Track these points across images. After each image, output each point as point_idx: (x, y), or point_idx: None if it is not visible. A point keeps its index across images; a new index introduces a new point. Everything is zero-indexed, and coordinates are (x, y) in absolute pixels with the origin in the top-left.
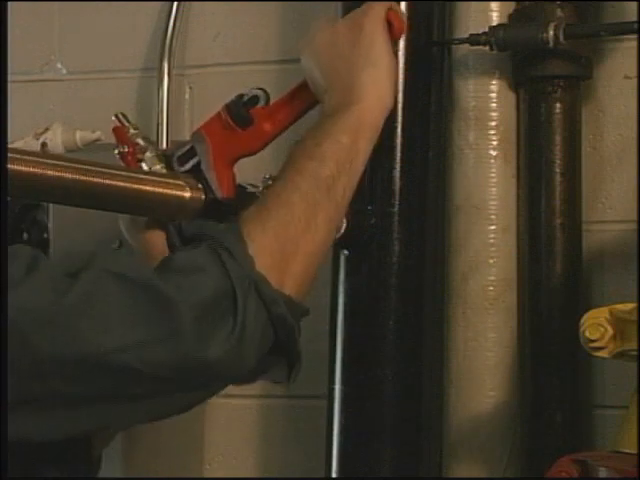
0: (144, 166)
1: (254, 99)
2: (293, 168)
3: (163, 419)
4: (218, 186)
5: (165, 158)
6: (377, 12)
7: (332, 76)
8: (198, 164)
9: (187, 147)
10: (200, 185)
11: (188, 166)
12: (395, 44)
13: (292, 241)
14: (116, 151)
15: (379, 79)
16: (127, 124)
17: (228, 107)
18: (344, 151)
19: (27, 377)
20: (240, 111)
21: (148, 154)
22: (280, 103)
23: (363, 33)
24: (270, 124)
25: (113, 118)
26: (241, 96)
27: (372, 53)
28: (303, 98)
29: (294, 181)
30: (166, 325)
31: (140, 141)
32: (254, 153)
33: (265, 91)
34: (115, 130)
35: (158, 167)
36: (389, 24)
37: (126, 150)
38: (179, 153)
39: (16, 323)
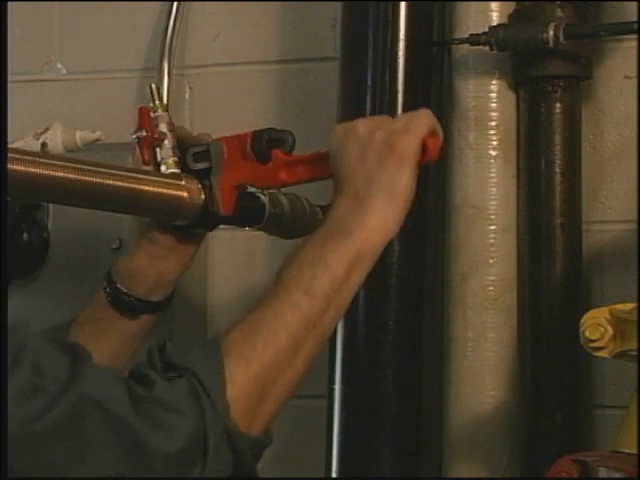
0: (158, 154)
1: (280, 141)
2: (285, 299)
3: None
4: (219, 203)
5: (180, 150)
6: (416, 134)
7: (349, 179)
8: (208, 169)
9: (204, 148)
10: (200, 186)
11: (200, 166)
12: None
13: (271, 382)
14: (134, 135)
15: (391, 209)
16: (157, 102)
17: (253, 136)
18: (337, 284)
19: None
20: (262, 146)
21: (166, 143)
22: (302, 159)
23: (395, 154)
24: (285, 174)
25: (147, 89)
26: (269, 131)
27: (394, 179)
28: (323, 167)
29: (284, 316)
30: (138, 465)
31: (162, 126)
32: (261, 188)
33: (293, 136)
34: (140, 110)
35: (171, 161)
36: (424, 146)
37: (144, 135)
38: (195, 150)
39: None
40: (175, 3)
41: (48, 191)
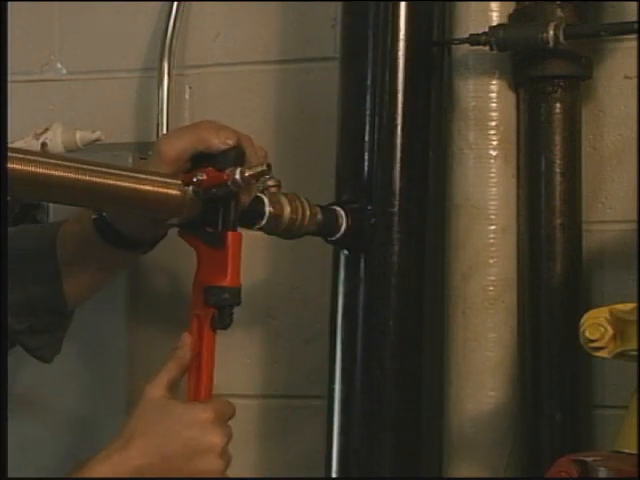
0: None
1: (220, 312)
2: None
3: None
4: None
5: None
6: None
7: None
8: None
9: (232, 208)
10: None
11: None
12: None
13: None
14: (194, 178)
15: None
16: (256, 177)
17: (213, 290)
18: None
19: None
20: (211, 297)
21: (214, 189)
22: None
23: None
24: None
25: (263, 167)
26: (228, 311)
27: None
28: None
29: None
30: None
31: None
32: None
33: (231, 319)
34: (219, 173)
35: (191, 193)
36: None
37: (203, 178)
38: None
39: None
40: (175, 3)
41: (48, 191)
